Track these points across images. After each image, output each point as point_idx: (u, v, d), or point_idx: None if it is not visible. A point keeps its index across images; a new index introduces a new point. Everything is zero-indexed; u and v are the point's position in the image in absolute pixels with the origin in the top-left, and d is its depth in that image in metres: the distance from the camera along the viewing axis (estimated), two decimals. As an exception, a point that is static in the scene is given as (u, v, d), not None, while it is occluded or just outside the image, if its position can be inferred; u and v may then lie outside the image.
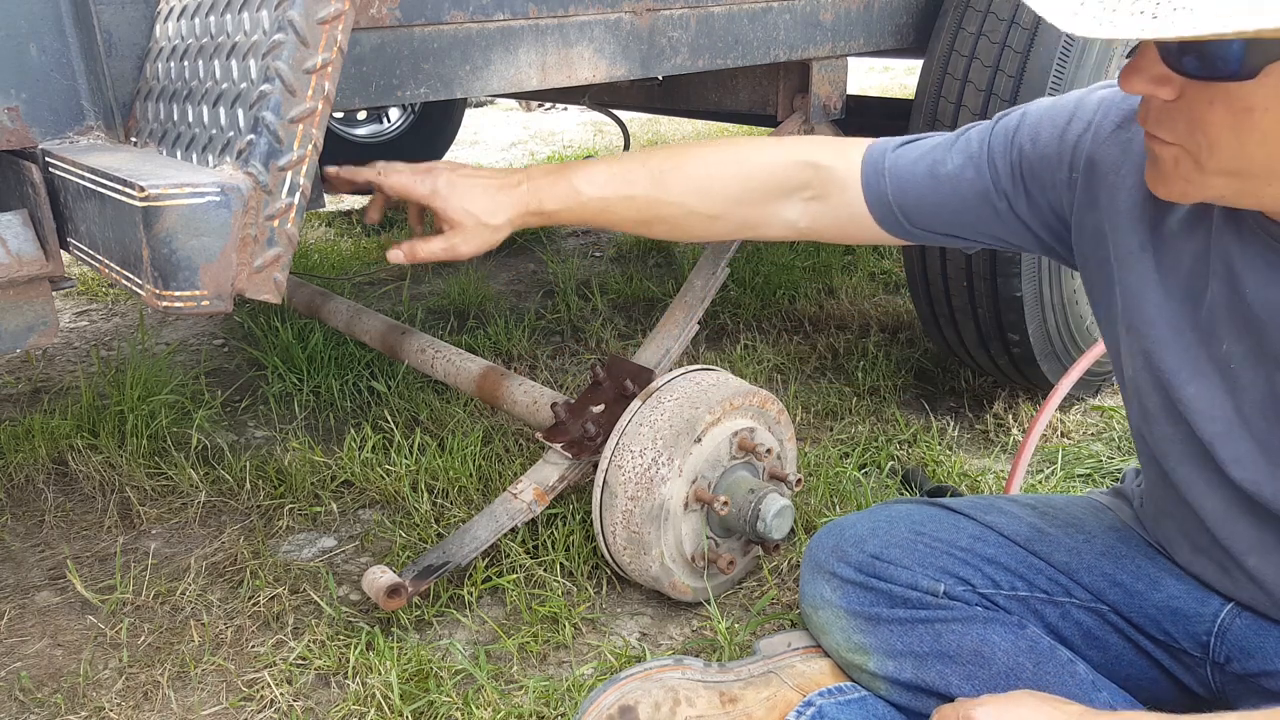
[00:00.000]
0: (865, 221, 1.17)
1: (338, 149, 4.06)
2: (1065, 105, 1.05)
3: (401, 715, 1.29)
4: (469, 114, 6.79)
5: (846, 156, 1.16)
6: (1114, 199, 1.00)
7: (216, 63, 1.05)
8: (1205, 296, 0.94)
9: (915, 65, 4.55)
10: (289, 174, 0.99)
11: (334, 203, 4.42)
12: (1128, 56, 0.81)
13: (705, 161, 1.20)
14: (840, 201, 1.17)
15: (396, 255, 1.21)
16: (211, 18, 1.08)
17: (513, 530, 1.58)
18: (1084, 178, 1.02)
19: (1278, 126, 0.74)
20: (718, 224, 1.22)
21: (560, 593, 1.55)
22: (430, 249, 1.20)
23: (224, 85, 1.03)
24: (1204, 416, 0.95)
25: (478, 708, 1.30)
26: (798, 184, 1.18)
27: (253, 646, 1.47)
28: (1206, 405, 0.95)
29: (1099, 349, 1.86)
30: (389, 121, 4.30)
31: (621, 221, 1.23)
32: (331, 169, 1.26)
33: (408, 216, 1.32)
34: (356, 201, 4.44)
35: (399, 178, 1.21)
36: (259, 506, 1.86)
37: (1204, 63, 0.74)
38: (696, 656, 1.31)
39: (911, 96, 1.97)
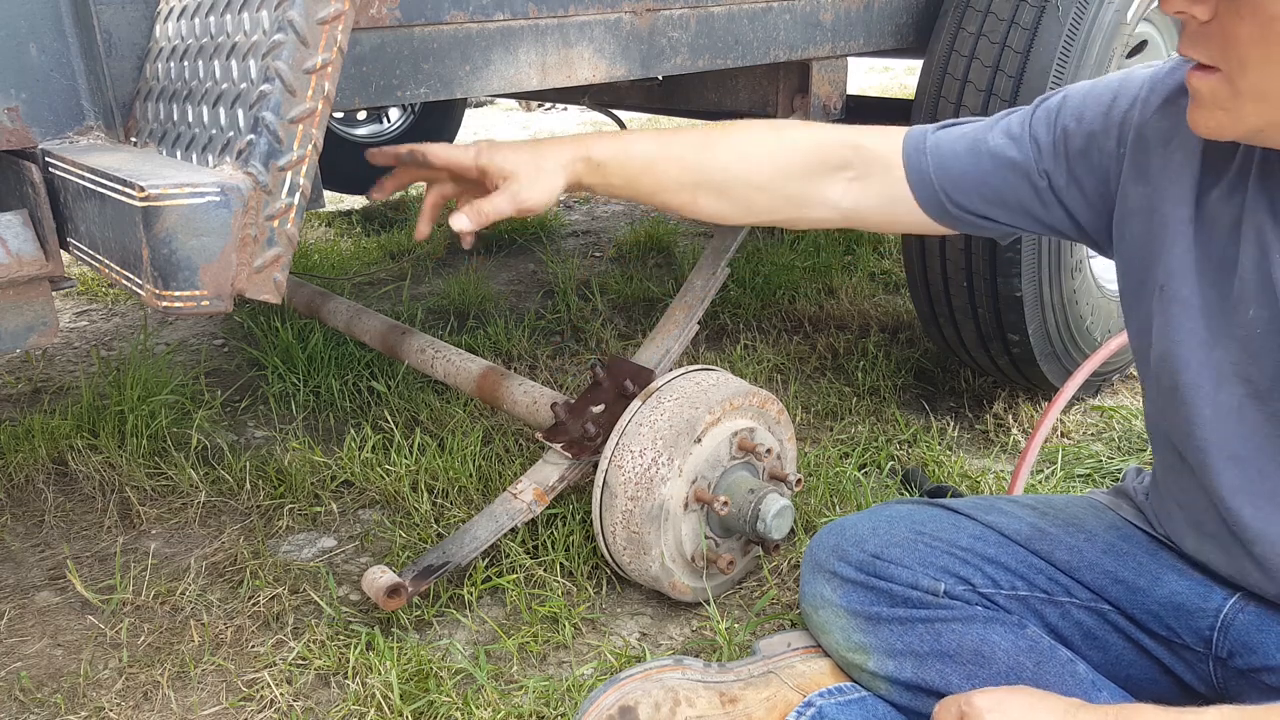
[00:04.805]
0: (907, 203, 1.17)
1: (338, 149, 4.05)
2: (1109, 85, 1.07)
3: (401, 715, 1.29)
4: (469, 114, 6.79)
5: (888, 138, 1.17)
6: (1164, 172, 1.01)
7: (216, 63, 1.05)
8: (1237, 266, 0.95)
9: (915, 65, 4.55)
10: (289, 174, 0.99)
11: (334, 203, 4.42)
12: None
13: (751, 131, 1.22)
14: (883, 182, 1.17)
15: (461, 221, 1.14)
16: (211, 18, 1.08)
17: (513, 530, 1.58)
18: (1132, 151, 1.03)
19: None
20: (762, 195, 1.20)
21: (560, 593, 1.55)
22: (496, 204, 1.14)
23: (224, 85, 1.03)
24: (1227, 386, 0.97)
25: (478, 708, 1.30)
26: (839, 162, 1.18)
27: (253, 646, 1.47)
28: (1231, 373, 0.96)
29: (1102, 354, 1.87)
30: (389, 121, 4.29)
31: (667, 184, 1.20)
32: (372, 150, 1.26)
33: (423, 205, 1.28)
34: (356, 201, 4.44)
35: (441, 150, 1.21)
36: (259, 506, 1.86)
37: None
38: (696, 657, 1.31)
39: (911, 96, 1.97)
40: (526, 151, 1.17)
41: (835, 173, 1.18)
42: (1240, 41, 0.80)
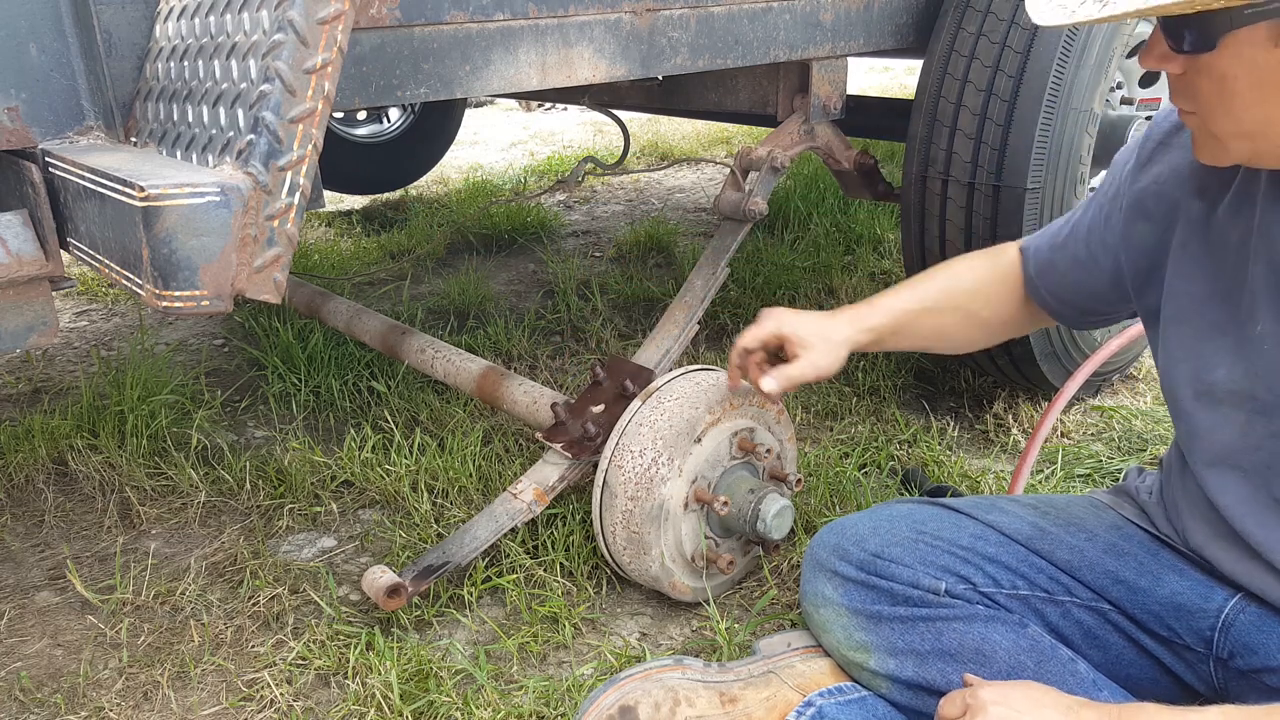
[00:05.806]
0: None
1: (338, 149, 4.05)
2: (1131, 144, 1.17)
3: (401, 715, 1.29)
4: (469, 114, 6.79)
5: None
6: (1159, 207, 1.08)
7: (216, 63, 1.05)
8: (1246, 281, 0.98)
9: (915, 65, 4.54)
10: (289, 174, 0.99)
11: (334, 203, 4.42)
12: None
13: (973, 271, 1.33)
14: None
15: (770, 384, 1.30)
16: (211, 18, 1.08)
17: (513, 530, 1.58)
18: (1136, 195, 1.11)
19: (1251, 91, 0.83)
20: (988, 331, 1.33)
21: (560, 593, 1.55)
22: (800, 370, 1.28)
23: (224, 85, 1.03)
24: (1230, 402, 1.00)
25: (478, 708, 1.30)
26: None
27: (253, 646, 1.47)
28: (1234, 389, 0.99)
29: (1102, 354, 1.86)
30: (389, 121, 4.29)
31: (922, 332, 1.33)
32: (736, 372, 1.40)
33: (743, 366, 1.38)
34: (356, 201, 4.44)
35: (753, 340, 1.33)
36: (259, 506, 1.86)
37: (1176, 39, 0.85)
38: (696, 657, 1.31)
39: (911, 96, 1.97)
40: (816, 325, 1.30)
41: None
42: (1202, 95, 0.88)
